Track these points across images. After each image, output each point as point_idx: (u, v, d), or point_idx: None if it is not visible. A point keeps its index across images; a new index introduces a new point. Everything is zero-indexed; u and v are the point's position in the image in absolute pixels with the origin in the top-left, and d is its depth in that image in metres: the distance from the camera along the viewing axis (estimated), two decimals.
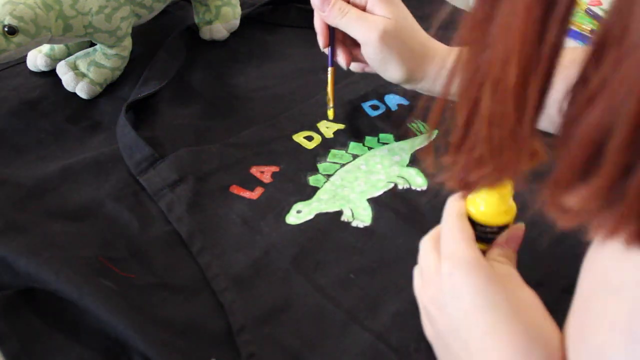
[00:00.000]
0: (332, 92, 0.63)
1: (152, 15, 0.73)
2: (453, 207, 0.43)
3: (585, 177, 0.25)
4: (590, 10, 0.87)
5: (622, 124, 0.23)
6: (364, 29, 0.56)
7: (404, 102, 0.68)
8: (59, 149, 0.63)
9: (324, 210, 0.56)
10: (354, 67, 0.63)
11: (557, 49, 0.27)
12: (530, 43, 0.27)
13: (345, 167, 0.61)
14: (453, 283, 0.40)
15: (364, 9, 0.57)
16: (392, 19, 0.56)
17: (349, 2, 0.57)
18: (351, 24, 0.56)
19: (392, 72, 0.58)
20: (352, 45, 0.61)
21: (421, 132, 0.64)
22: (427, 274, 0.43)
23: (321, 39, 0.60)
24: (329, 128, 0.65)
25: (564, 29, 0.27)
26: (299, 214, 0.56)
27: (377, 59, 0.57)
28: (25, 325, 0.47)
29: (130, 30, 0.70)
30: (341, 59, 0.61)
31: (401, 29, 0.56)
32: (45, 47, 0.71)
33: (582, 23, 0.80)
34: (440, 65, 0.57)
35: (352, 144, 0.63)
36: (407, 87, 0.60)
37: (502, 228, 0.43)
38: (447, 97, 0.34)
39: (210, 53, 0.76)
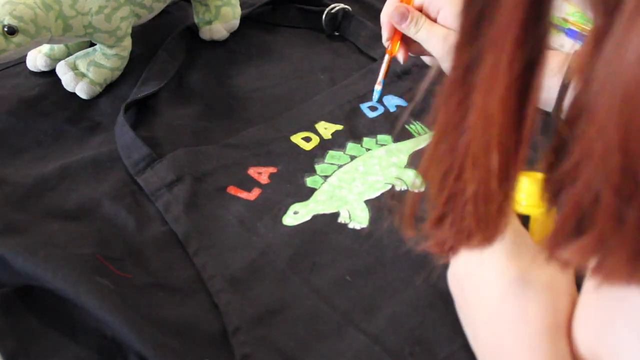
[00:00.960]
0: (384, 75, 0.64)
1: (152, 15, 0.73)
2: None
3: (578, 234, 0.26)
4: None
5: (606, 191, 0.24)
6: (435, 45, 0.57)
7: (403, 103, 0.68)
8: (58, 149, 0.63)
9: (321, 212, 0.56)
10: (426, 59, 0.65)
11: (535, 128, 0.28)
12: (509, 131, 0.27)
13: (343, 168, 0.61)
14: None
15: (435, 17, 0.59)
16: None
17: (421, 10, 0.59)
18: (423, 38, 0.58)
19: None
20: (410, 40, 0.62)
21: (419, 134, 0.64)
22: None
23: (386, 33, 0.61)
24: (327, 129, 0.65)
25: (539, 111, 0.28)
26: (296, 215, 0.56)
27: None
28: (22, 323, 0.47)
29: (130, 31, 0.70)
30: (400, 55, 0.62)
31: None
32: (45, 47, 0.71)
33: (582, 23, 0.80)
34: None
35: (350, 145, 0.63)
36: None
37: None
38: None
39: (209, 53, 0.76)
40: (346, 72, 0.73)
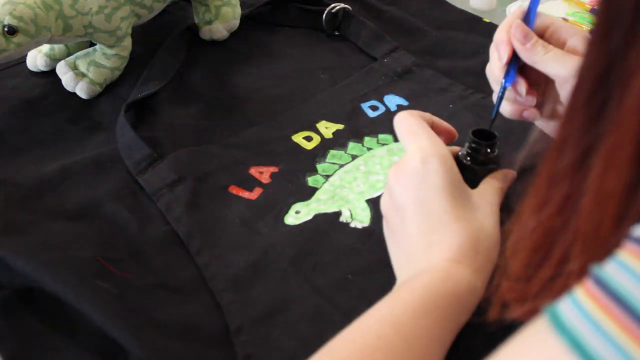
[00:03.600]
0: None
1: (152, 15, 0.73)
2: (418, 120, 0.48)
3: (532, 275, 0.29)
4: (595, 10, 0.87)
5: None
6: (568, 67, 0.49)
7: (404, 102, 0.68)
8: (59, 149, 0.63)
9: (323, 211, 0.56)
10: (528, 114, 0.53)
11: None
12: (625, 206, 0.28)
13: (344, 167, 0.61)
14: (426, 167, 0.44)
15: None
16: None
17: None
18: (556, 61, 0.49)
19: None
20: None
21: None
22: (402, 161, 0.47)
23: (505, 55, 0.50)
24: (328, 128, 0.65)
25: None
26: (298, 214, 0.56)
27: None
28: (22, 325, 0.47)
29: (130, 30, 0.70)
30: (523, 86, 0.51)
31: None
32: (45, 47, 0.71)
33: (582, 23, 0.80)
34: None
35: (351, 145, 0.63)
36: None
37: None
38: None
39: (210, 53, 0.76)
40: (347, 71, 0.73)
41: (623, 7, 0.26)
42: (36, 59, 0.71)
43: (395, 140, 0.64)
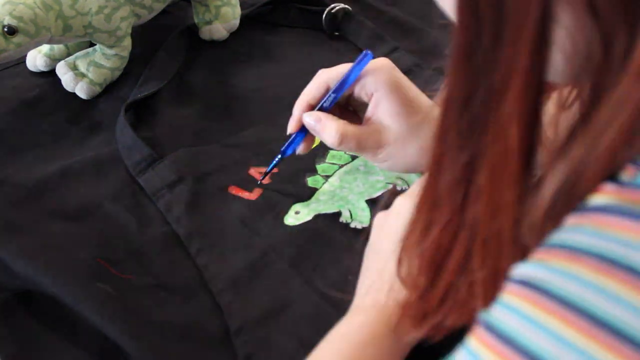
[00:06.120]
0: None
1: (152, 15, 0.73)
2: None
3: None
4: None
5: None
6: (367, 154, 0.53)
7: None
8: (58, 149, 0.63)
9: (323, 212, 0.56)
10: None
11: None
12: (518, 215, 0.28)
13: (344, 168, 0.61)
14: (400, 206, 0.45)
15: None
16: (397, 120, 0.52)
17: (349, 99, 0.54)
18: (351, 150, 0.54)
19: (407, 168, 0.55)
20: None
21: None
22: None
23: (293, 124, 0.54)
24: None
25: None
26: (298, 215, 0.56)
27: (387, 166, 0.55)
28: (22, 327, 0.47)
29: (130, 31, 0.70)
30: (300, 148, 0.55)
31: (409, 128, 0.52)
32: (45, 47, 0.71)
33: None
34: None
35: None
36: None
37: None
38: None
39: (210, 53, 0.76)
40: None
41: (482, 28, 0.26)
42: (36, 59, 0.71)
43: None
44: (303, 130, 0.55)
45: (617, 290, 0.22)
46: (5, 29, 0.59)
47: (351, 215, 0.56)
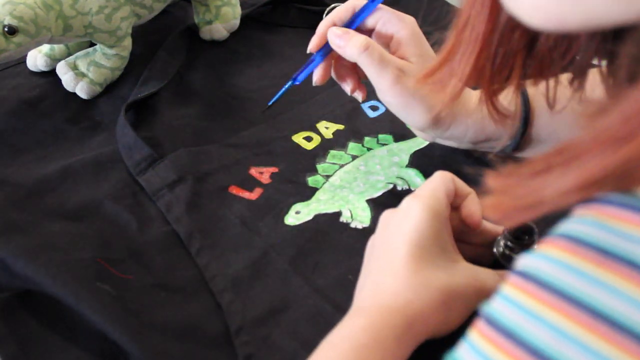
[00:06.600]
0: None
1: (152, 15, 0.73)
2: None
3: None
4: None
5: None
6: (378, 74, 0.52)
7: None
8: (59, 149, 0.63)
9: (323, 211, 0.56)
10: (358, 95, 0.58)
11: None
12: None
13: (345, 167, 0.61)
14: (406, 212, 0.44)
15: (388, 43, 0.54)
16: (419, 61, 0.52)
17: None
18: (367, 64, 0.52)
19: (414, 117, 0.53)
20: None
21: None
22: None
23: (315, 41, 0.55)
24: (328, 129, 0.65)
25: None
26: (298, 214, 0.56)
27: (395, 104, 0.53)
28: (23, 327, 0.47)
29: (130, 31, 0.70)
30: (347, 86, 0.57)
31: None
32: (45, 47, 0.71)
33: None
34: (471, 107, 0.54)
35: (351, 145, 0.63)
36: (433, 135, 0.56)
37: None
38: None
39: (210, 53, 0.76)
40: None
41: None
42: (36, 59, 0.71)
43: (395, 140, 0.64)
44: (323, 53, 0.55)
45: (617, 283, 0.22)
46: (6, 29, 0.59)
47: (351, 215, 0.56)
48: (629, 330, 0.22)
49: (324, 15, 0.78)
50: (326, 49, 0.55)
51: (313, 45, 0.55)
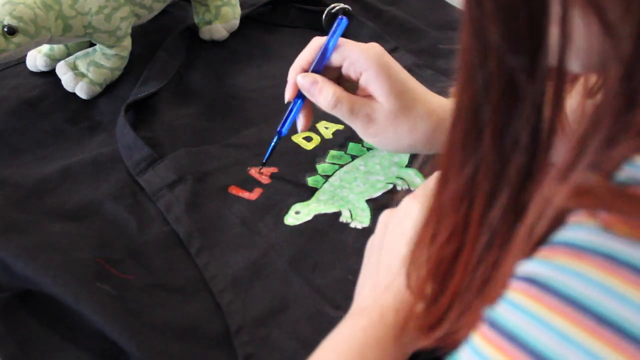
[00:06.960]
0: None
1: (152, 15, 0.73)
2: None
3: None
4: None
5: None
6: (351, 123, 0.54)
7: None
8: (58, 149, 0.63)
9: (323, 211, 0.56)
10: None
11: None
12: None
13: (344, 167, 0.61)
14: (406, 212, 0.44)
15: (356, 80, 0.54)
16: (387, 99, 0.52)
17: (340, 78, 0.55)
18: (339, 116, 0.54)
19: (398, 148, 0.55)
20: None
21: None
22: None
23: (289, 90, 0.56)
24: (328, 129, 0.65)
25: None
26: (298, 215, 0.56)
27: (375, 142, 0.55)
28: (22, 327, 0.47)
29: (129, 31, 0.70)
30: (300, 123, 0.57)
31: (400, 108, 0.52)
32: (45, 47, 0.71)
33: None
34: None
35: (351, 145, 0.63)
36: (425, 152, 0.57)
37: None
38: None
39: (210, 53, 0.76)
40: None
41: (485, 51, 0.27)
42: (36, 59, 0.71)
43: None
44: (300, 98, 0.55)
45: (621, 288, 0.22)
46: (5, 29, 0.59)
47: (351, 215, 0.56)
48: (633, 336, 0.22)
49: (324, 16, 0.78)
50: (302, 94, 0.55)
51: (289, 95, 0.56)
